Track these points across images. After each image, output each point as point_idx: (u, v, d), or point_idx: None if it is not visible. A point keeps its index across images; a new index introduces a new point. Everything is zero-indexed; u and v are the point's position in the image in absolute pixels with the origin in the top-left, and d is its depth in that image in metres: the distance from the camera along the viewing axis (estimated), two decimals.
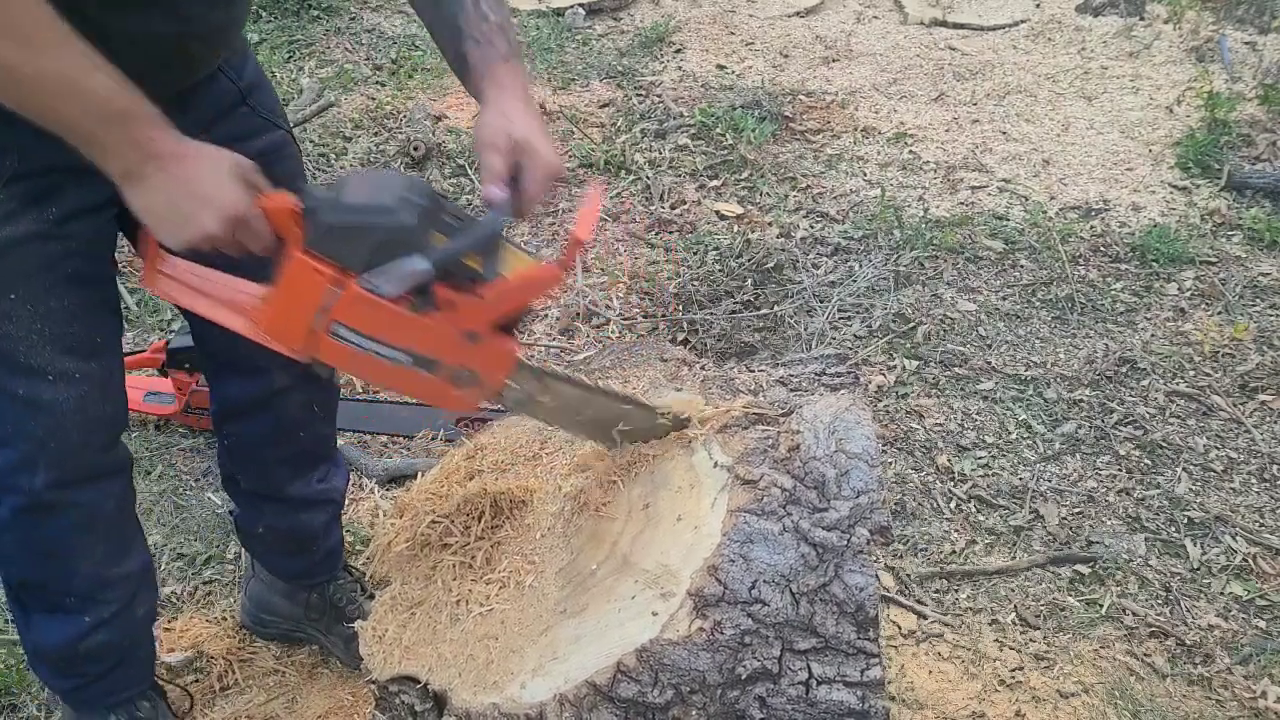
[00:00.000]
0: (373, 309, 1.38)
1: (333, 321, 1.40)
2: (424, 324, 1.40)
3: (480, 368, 1.45)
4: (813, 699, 1.38)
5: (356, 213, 1.36)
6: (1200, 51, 5.51)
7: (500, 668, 1.43)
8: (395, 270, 1.35)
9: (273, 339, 1.45)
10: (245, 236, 1.41)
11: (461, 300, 1.39)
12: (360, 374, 1.50)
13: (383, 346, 1.42)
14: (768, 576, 1.38)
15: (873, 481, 1.47)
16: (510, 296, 1.40)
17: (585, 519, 1.56)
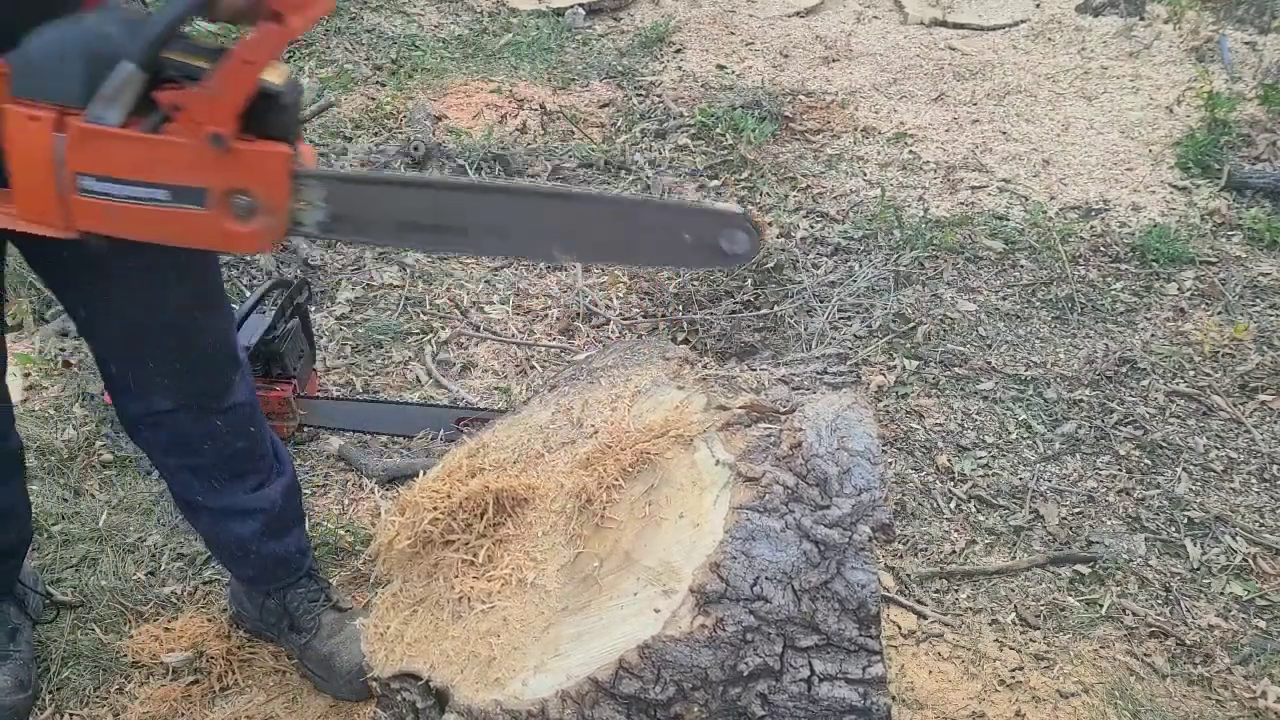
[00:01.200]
0: (106, 142, 1.24)
1: (75, 175, 1.26)
2: (163, 143, 1.25)
3: (252, 183, 1.27)
4: (814, 696, 1.38)
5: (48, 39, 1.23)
6: (1200, 51, 5.51)
7: (502, 665, 1.43)
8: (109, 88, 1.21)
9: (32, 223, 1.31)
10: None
11: (186, 97, 1.23)
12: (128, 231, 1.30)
13: (138, 188, 1.27)
14: (770, 573, 1.38)
15: (875, 479, 1.47)
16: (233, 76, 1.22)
17: (587, 516, 1.56)
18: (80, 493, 2.90)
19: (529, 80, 5.26)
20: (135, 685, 2.42)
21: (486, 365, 3.45)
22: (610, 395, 1.75)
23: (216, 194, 1.28)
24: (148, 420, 2.12)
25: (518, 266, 3.93)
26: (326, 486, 2.97)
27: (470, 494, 1.63)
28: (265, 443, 2.29)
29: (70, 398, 3.17)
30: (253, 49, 1.22)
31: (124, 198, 1.27)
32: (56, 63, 1.22)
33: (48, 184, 1.26)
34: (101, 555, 2.72)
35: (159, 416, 2.11)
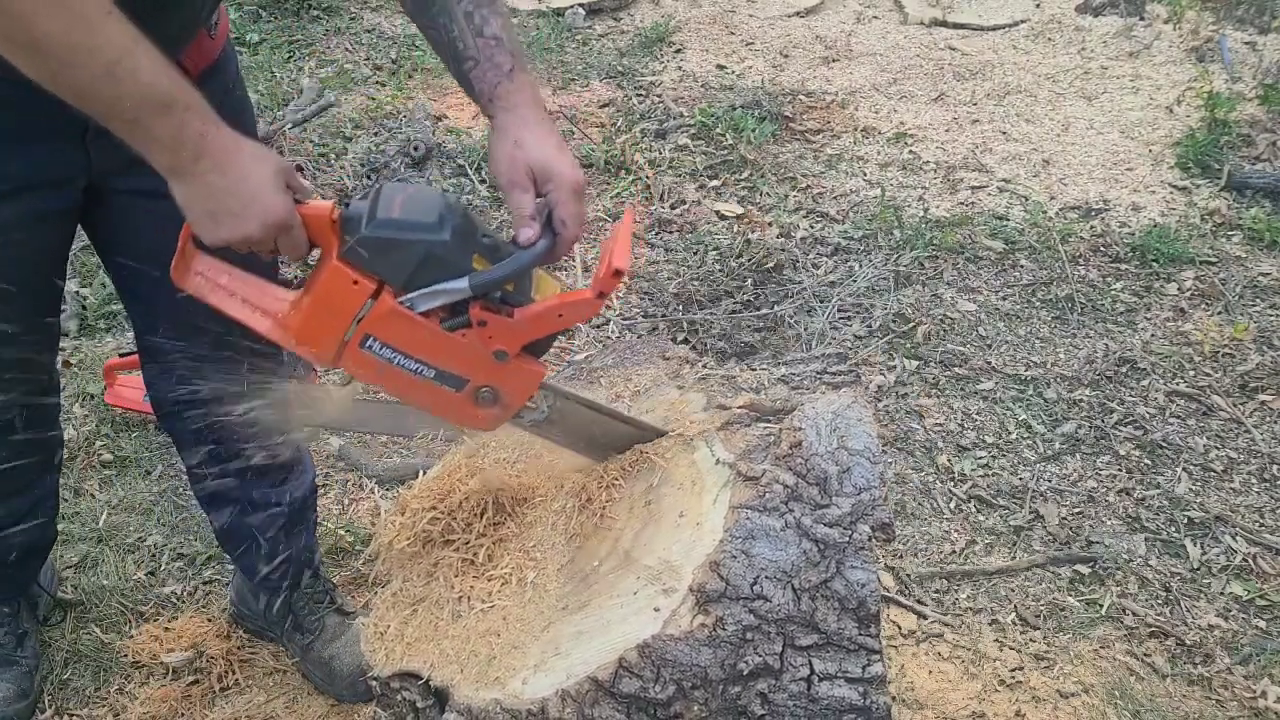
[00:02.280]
0: (407, 324, 1.38)
1: (365, 334, 1.40)
2: (456, 341, 1.40)
3: (504, 387, 1.45)
4: (814, 695, 1.38)
5: (396, 228, 1.35)
6: (1200, 51, 5.51)
7: (502, 664, 1.43)
8: (439, 290, 1.36)
9: (300, 345, 1.43)
10: (284, 242, 1.40)
11: (494, 320, 1.38)
12: (385, 386, 1.47)
13: (411, 361, 1.42)
14: (769, 573, 1.38)
15: (874, 478, 1.46)
16: (543, 321, 1.40)
17: (587, 516, 1.56)
18: (80, 493, 2.90)
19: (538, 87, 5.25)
20: (135, 685, 2.42)
21: None
22: (610, 395, 1.75)
23: (474, 385, 1.44)
24: (184, 405, 2.10)
25: None
26: (326, 487, 2.97)
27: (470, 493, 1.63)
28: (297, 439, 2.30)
29: (70, 398, 3.17)
30: (571, 309, 1.39)
31: (398, 364, 1.42)
32: (392, 252, 1.35)
33: (338, 331, 1.40)
34: (101, 555, 2.72)
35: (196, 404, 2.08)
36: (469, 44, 1.50)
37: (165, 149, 1.33)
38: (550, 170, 1.42)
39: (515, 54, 1.51)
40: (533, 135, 1.45)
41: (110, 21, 1.25)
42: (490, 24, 1.50)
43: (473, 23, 1.50)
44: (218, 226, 1.38)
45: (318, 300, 1.40)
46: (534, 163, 1.43)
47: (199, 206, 1.37)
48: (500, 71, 1.49)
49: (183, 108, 1.30)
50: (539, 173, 1.43)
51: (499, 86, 1.49)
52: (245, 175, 1.36)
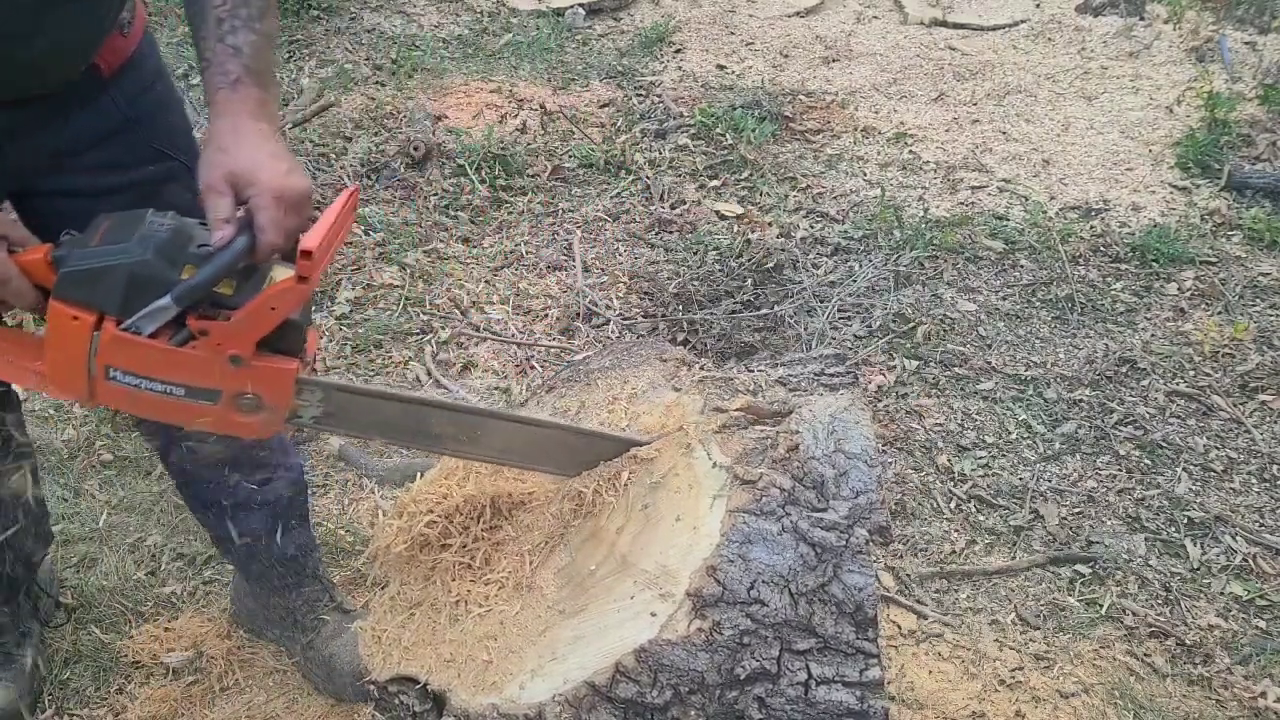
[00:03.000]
0: (136, 348, 1.40)
1: (105, 366, 1.42)
2: (188, 355, 1.41)
3: (260, 390, 1.45)
4: (812, 699, 1.38)
5: (97, 256, 1.38)
6: (1200, 51, 5.51)
7: (499, 668, 1.43)
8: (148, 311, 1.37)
9: (57, 391, 1.47)
10: (5, 293, 1.42)
11: (212, 327, 1.39)
12: (146, 413, 1.49)
13: (159, 383, 1.43)
14: (766, 577, 1.38)
15: (871, 481, 1.46)
16: (258, 316, 1.39)
17: (584, 520, 1.56)
18: (80, 493, 2.90)
19: (529, 80, 5.26)
20: (135, 685, 2.43)
21: (486, 365, 3.45)
22: (607, 397, 1.75)
23: (228, 395, 1.44)
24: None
25: (518, 266, 3.93)
26: (326, 486, 2.97)
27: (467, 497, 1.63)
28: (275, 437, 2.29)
29: None
30: (278, 299, 1.38)
31: (145, 388, 1.43)
32: (99, 279, 1.36)
33: (79, 369, 1.42)
34: (101, 555, 2.72)
35: None
36: (209, 47, 1.51)
37: None
38: (252, 176, 1.41)
39: (251, 69, 1.50)
40: (238, 143, 1.44)
41: None
42: (237, 35, 1.50)
43: (220, 28, 1.50)
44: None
45: (52, 343, 1.44)
46: (236, 169, 1.42)
47: None
48: (226, 79, 1.49)
49: None
50: (241, 179, 1.41)
51: (219, 92, 1.49)
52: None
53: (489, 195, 4.28)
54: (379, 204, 4.22)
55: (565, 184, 4.44)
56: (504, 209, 4.25)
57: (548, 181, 4.42)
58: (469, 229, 4.12)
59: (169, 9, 5.80)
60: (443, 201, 4.26)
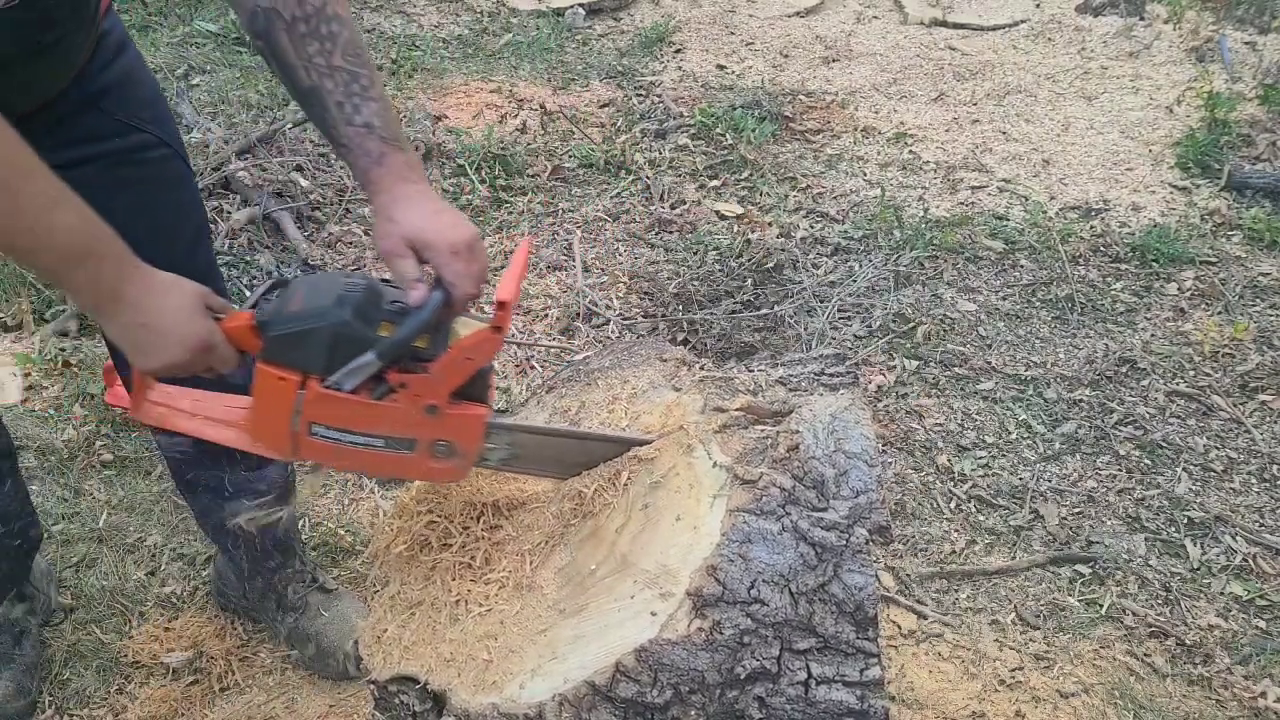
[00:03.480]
0: (338, 405, 1.47)
1: (308, 422, 1.49)
2: (386, 409, 1.48)
3: (453, 437, 1.51)
4: (812, 699, 1.38)
5: (299, 320, 1.45)
6: (1200, 51, 5.51)
7: (499, 668, 1.43)
8: (352, 367, 1.44)
9: (261, 447, 1.55)
10: (212, 360, 1.50)
11: (411, 380, 1.46)
12: (347, 466, 1.56)
13: (359, 436, 1.50)
14: (767, 576, 1.38)
15: (871, 481, 1.46)
16: (455, 368, 1.46)
17: (584, 519, 1.56)
18: (80, 493, 2.90)
19: (529, 80, 5.26)
20: (135, 685, 2.43)
21: None
22: (607, 397, 1.75)
23: (424, 443, 1.51)
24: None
25: None
26: (326, 487, 2.97)
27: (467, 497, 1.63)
28: None
29: (70, 398, 3.17)
30: (475, 350, 1.45)
31: (347, 442, 1.51)
32: (303, 342, 1.45)
33: (284, 426, 1.50)
34: (101, 555, 2.72)
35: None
36: (340, 133, 1.56)
37: (85, 294, 1.42)
38: (424, 239, 1.48)
39: (386, 139, 1.56)
40: (402, 210, 1.51)
41: (30, 183, 1.33)
42: (361, 112, 1.55)
43: (343, 112, 1.55)
44: (146, 359, 1.48)
45: (258, 403, 1.51)
46: (408, 235, 1.49)
47: (126, 342, 1.47)
48: (370, 158, 1.55)
49: (97, 258, 1.39)
50: (416, 243, 1.48)
51: (370, 172, 1.55)
52: (162, 310, 1.45)
53: (489, 195, 4.28)
54: None
55: (565, 184, 4.45)
56: (504, 209, 4.25)
57: (548, 181, 4.42)
58: None
59: (168, 8, 5.80)
60: None
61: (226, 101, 4.83)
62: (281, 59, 1.56)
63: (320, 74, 1.55)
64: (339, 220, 4.10)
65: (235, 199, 4.04)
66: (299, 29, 1.54)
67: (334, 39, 1.55)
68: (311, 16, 1.54)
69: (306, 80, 1.55)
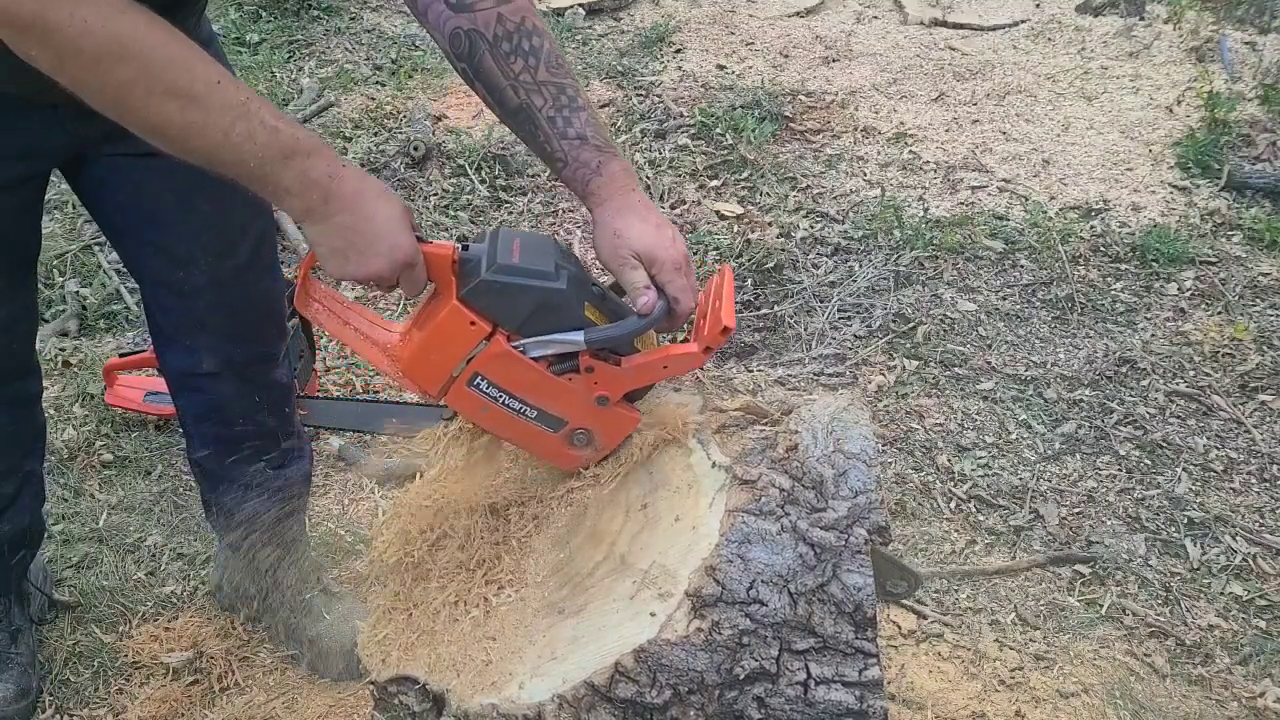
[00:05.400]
0: (517, 366, 1.45)
1: (474, 372, 1.46)
2: (562, 385, 1.47)
3: (600, 430, 1.52)
4: (811, 699, 1.38)
5: (515, 273, 1.41)
6: (1200, 51, 5.51)
7: (498, 668, 1.42)
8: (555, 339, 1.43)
9: (409, 378, 1.50)
10: (406, 279, 1.46)
11: (601, 368, 1.45)
12: (484, 423, 1.53)
13: (516, 400, 1.48)
14: (765, 576, 1.38)
15: (871, 481, 1.46)
16: (648, 370, 1.47)
17: (583, 519, 1.56)
18: (80, 493, 2.90)
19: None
20: (135, 685, 2.43)
21: None
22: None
23: (572, 427, 1.51)
24: (190, 381, 2.16)
25: None
26: (326, 487, 2.97)
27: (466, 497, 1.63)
28: (294, 425, 2.35)
29: (70, 398, 3.17)
30: (675, 361, 1.47)
31: (503, 403, 1.48)
32: (513, 296, 1.41)
33: (448, 367, 1.47)
34: (101, 555, 2.72)
35: (200, 380, 2.15)
36: (555, 147, 1.56)
37: (294, 195, 1.40)
38: (652, 255, 1.49)
39: (601, 147, 1.56)
40: (628, 223, 1.51)
41: (218, 91, 1.32)
42: (573, 124, 1.55)
43: (555, 126, 1.55)
44: (346, 263, 1.45)
45: (432, 337, 1.46)
46: (637, 248, 1.50)
47: (329, 244, 1.44)
48: (589, 169, 1.55)
49: (304, 154, 1.39)
50: (645, 256, 1.50)
51: (590, 183, 1.55)
52: (373, 215, 1.43)
53: (489, 195, 4.28)
54: None
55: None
56: (504, 209, 4.25)
57: (548, 181, 4.42)
58: (469, 229, 4.12)
59: None
60: (443, 201, 4.26)
61: None
62: (489, 80, 1.55)
63: (529, 90, 1.54)
64: None
65: None
66: (502, 47, 1.53)
67: (537, 53, 1.54)
68: (514, 33, 1.53)
69: (515, 99, 1.55)
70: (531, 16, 1.55)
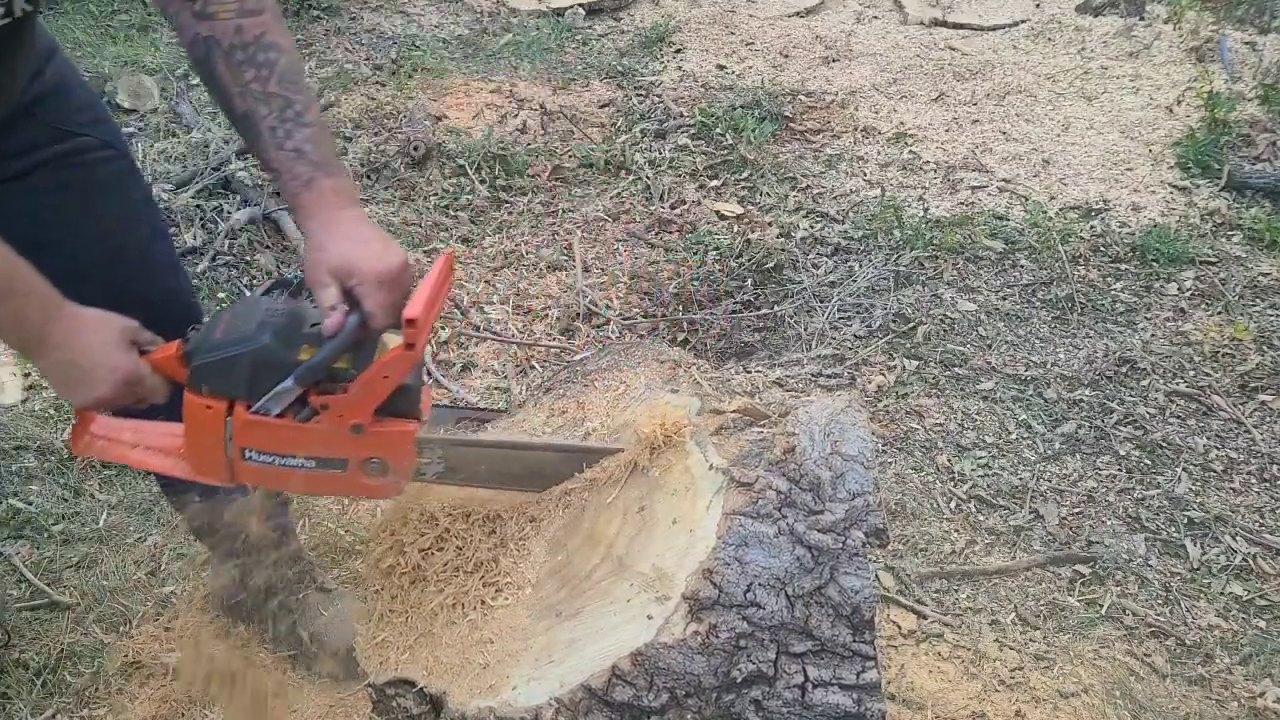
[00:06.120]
0: (266, 429, 1.49)
1: (241, 448, 1.51)
2: (313, 430, 1.50)
3: (383, 454, 1.53)
4: (808, 702, 1.38)
5: (221, 348, 1.48)
6: (1200, 51, 5.50)
7: (496, 671, 1.43)
8: (274, 394, 1.47)
9: (198, 475, 1.57)
10: (142, 391, 1.52)
11: (333, 401, 1.48)
12: (283, 487, 1.58)
13: (291, 458, 1.52)
14: (763, 579, 1.38)
15: (868, 484, 1.46)
16: (373, 386, 1.48)
17: (581, 522, 1.56)
18: (80, 493, 2.90)
19: (529, 80, 5.25)
20: (135, 685, 2.43)
21: (486, 365, 3.45)
22: (605, 398, 1.75)
23: (356, 462, 1.53)
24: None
25: (518, 266, 3.93)
26: None
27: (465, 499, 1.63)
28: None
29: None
30: (390, 367, 1.47)
31: (280, 464, 1.53)
32: (227, 369, 1.46)
33: (218, 453, 1.52)
34: (101, 555, 2.72)
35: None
36: (271, 157, 1.59)
37: (9, 332, 1.46)
38: (351, 268, 1.49)
39: (318, 164, 1.59)
40: (330, 237, 1.53)
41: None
42: (293, 137, 1.59)
43: (275, 137, 1.58)
44: (74, 394, 1.51)
45: (189, 432, 1.54)
46: (335, 263, 1.51)
47: (54, 379, 1.51)
48: (299, 182, 1.58)
49: (21, 296, 1.43)
50: (341, 271, 1.50)
51: (299, 197, 1.58)
52: (87, 346, 1.49)
53: (489, 195, 4.28)
54: (379, 204, 4.22)
55: (565, 184, 4.44)
56: (504, 209, 4.25)
57: (548, 181, 4.42)
58: (469, 229, 4.13)
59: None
60: (443, 201, 4.26)
61: None
62: (218, 85, 1.59)
63: (255, 99, 1.58)
64: None
65: (235, 199, 4.04)
66: (236, 56, 1.57)
67: (270, 66, 1.58)
68: (250, 45, 1.57)
69: (240, 106, 1.58)
70: (273, 33, 1.59)
